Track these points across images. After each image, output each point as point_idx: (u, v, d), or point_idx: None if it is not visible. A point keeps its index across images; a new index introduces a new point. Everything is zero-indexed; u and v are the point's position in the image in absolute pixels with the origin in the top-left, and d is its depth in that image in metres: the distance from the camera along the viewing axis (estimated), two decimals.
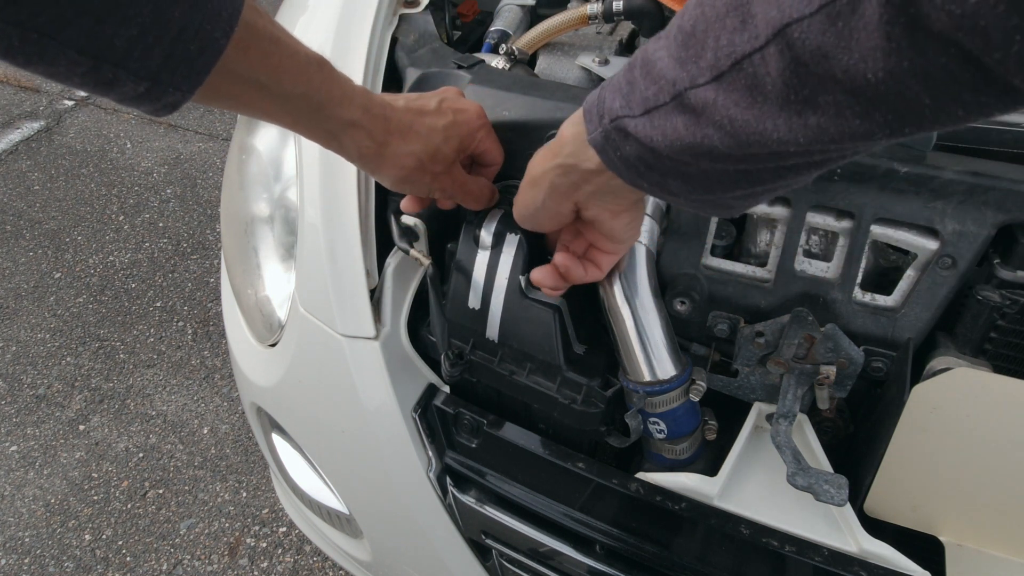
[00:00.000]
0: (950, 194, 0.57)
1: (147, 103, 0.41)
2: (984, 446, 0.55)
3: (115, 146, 2.88)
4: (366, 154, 0.57)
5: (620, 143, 0.44)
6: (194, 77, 0.41)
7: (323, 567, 1.54)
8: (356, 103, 0.55)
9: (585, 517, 0.69)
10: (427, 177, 0.61)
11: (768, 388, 0.66)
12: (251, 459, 1.77)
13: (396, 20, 0.83)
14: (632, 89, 0.43)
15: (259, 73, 0.46)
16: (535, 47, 0.92)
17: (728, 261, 0.66)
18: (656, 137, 0.41)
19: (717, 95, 0.37)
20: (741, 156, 0.39)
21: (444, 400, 0.77)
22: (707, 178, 0.43)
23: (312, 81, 0.50)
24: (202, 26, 0.39)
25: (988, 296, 0.58)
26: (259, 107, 0.50)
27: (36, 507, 1.69)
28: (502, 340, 0.69)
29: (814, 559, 0.60)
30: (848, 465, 0.65)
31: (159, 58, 0.39)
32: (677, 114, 0.40)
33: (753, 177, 0.42)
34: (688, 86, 0.39)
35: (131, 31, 0.37)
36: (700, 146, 0.40)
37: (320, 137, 0.56)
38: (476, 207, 0.68)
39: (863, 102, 0.33)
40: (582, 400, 0.66)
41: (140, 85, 0.40)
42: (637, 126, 0.42)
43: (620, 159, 0.45)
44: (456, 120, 0.62)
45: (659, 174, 0.44)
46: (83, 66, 0.37)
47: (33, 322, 2.15)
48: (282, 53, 0.47)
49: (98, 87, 0.39)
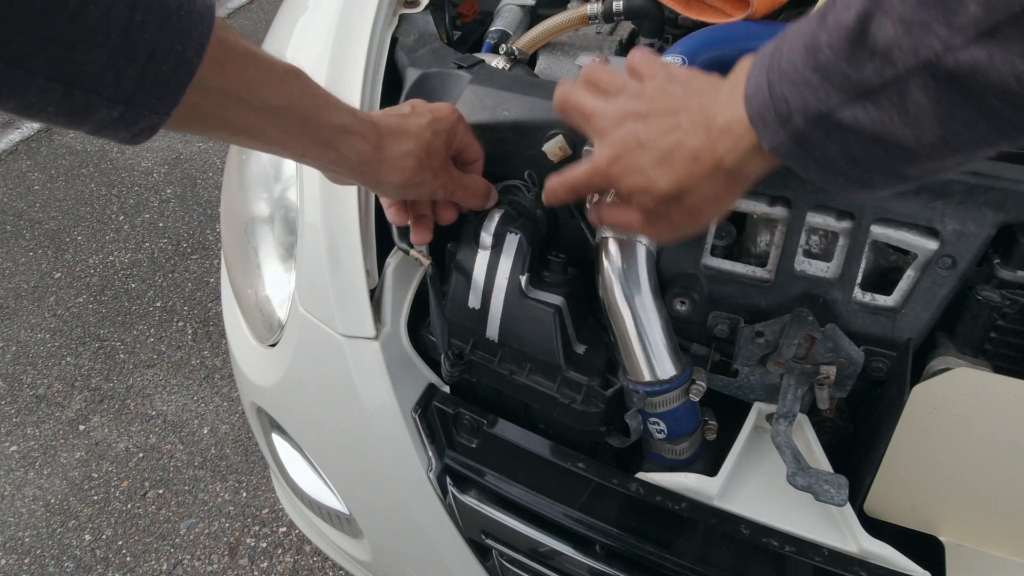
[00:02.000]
0: (950, 194, 0.57)
1: (123, 128, 0.40)
2: (984, 446, 0.55)
3: (115, 146, 2.88)
4: (365, 159, 0.56)
5: (823, 142, 0.38)
6: (169, 97, 0.40)
7: (323, 567, 1.54)
8: (343, 108, 0.54)
9: (585, 517, 0.69)
10: (428, 176, 0.61)
11: (768, 388, 0.66)
12: (251, 459, 1.77)
13: (396, 20, 0.83)
14: (825, 75, 0.37)
15: (238, 88, 0.45)
16: (535, 47, 0.92)
17: (728, 261, 0.66)
18: (886, 121, 0.36)
19: (991, 53, 0.31)
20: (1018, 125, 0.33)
21: (444, 400, 0.77)
22: (940, 166, 0.37)
23: (292, 92, 0.49)
24: (173, 46, 0.39)
25: (988, 296, 0.58)
26: (244, 125, 0.48)
27: (36, 507, 1.69)
28: (502, 340, 0.69)
29: (814, 559, 0.60)
30: (848, 465, 0.65)
31: (132, 80, 0.38)
32: (919, 88, 0.34)
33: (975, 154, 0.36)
34: (942, 50, 0.32)
35: (102, 55, 0.36)
36: (958, 117, 0.34)
37: (315, 148, 0.54)
38: (478, 205, 0.68)
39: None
40: (582, 400, 0.66)
41: (114, 109, 0.39)
42: (856, 115, 0.36)
43: (818, 162, 0.40)
44: (436, 116, 0.62)
45: (863, 170, 0.39)
46: (55, 94, 0.37)
47: (33, 322, 2.15)
48: (258, 66, 0.47)
49: (72, 115, 0.38)
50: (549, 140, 0.65)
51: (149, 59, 0.38)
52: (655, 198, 0.49)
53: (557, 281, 0.68)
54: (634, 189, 0.50)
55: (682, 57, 0.76)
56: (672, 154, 0.47)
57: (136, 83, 0.38)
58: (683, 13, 0.82)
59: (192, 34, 0.40)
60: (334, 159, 0.55)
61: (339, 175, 0.59)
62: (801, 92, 0.38)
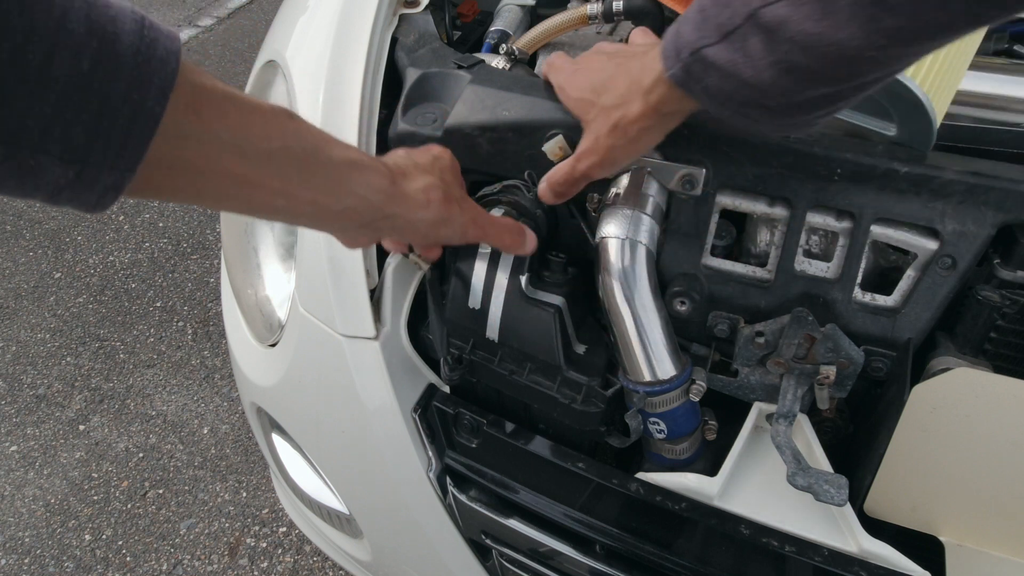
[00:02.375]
0: (950, 194, 0.57)
1: (82, 190, 0.35)
2: (984, 446, 0.55)
3: None
4: (387, 197, 0.50)
5: (702, 74, 0.45)
6: (131, 150, 0.35)
7: (323, 567, 1.54)
8: (346, 144, 0.49)
9: (585, 517, 0.69)
10: (456, 209, 0.56)
11: (768, 388, 0.66)
12: (251, 459, 1.77)
13: (396, 20, 0.83)
14: (705, 18, 0.43)
15: (222, 132, 0.40)
16: (535, 47, 0.92)
17: (728, 261, 0.66)
18: (738, 60, 0.42)
19: (790, 11, 0.38)
20: (823, 76, 0.40)
21: (444, 400, 0.76)
22: (788, 106, 0.43)
23: (287, 131, 0.44)
24: (128, 95, 0.34)
25: (988, 296, 0.59)
26: (237, 176, 0.42)
27: (36, 507, 1.69)
28: (502, 340, 0.69)
29: (814, 559, 0.60)
30: (848, 465, 0.65)
31: (83, 135, 0.33)
32: (753, 34, 0.41)
33: (833, 98, 0.43)
34: (760, 4, 0.39)
35: (44, 109, 0.32)
36: (779, 65, 0.40)
37: (326, 193, 0.47)
38: (517, 244, 0.63)
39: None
40: (582, 400, 0.66)
41: (68, 170, 0.34)
42: (717, 53, 0.43)
43: (703, 90, 0.46)
44: (434, 155, 0.59)
45: (739, 103, 0.45)
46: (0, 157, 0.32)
47: (33, 322, 2.15)
48: (242, 109, 0.41)
49: (22, 180, 0.34)
50: (549, 140, 0.65)
51: (101, 110, 0.34)
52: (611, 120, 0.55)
53: (557, 281, 0.68)
54: (601, 112, 0.56)
55: None
56: (616, 79, 0.54)
57: (88, 137, 0.34)
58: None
59: (152, 81, 0.35)
60: (351, 204, 0.49)
61: (357, 228, 0.52)
62: (689, 30, 0.45)
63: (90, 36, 0.33)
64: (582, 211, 0.70)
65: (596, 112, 0.56)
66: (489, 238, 0.62)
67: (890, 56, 0.38)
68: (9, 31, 0.30)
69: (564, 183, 0.61)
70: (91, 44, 0.33)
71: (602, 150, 0.56)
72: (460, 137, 0.70)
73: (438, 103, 0.75)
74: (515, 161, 0.69)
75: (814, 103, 0.43)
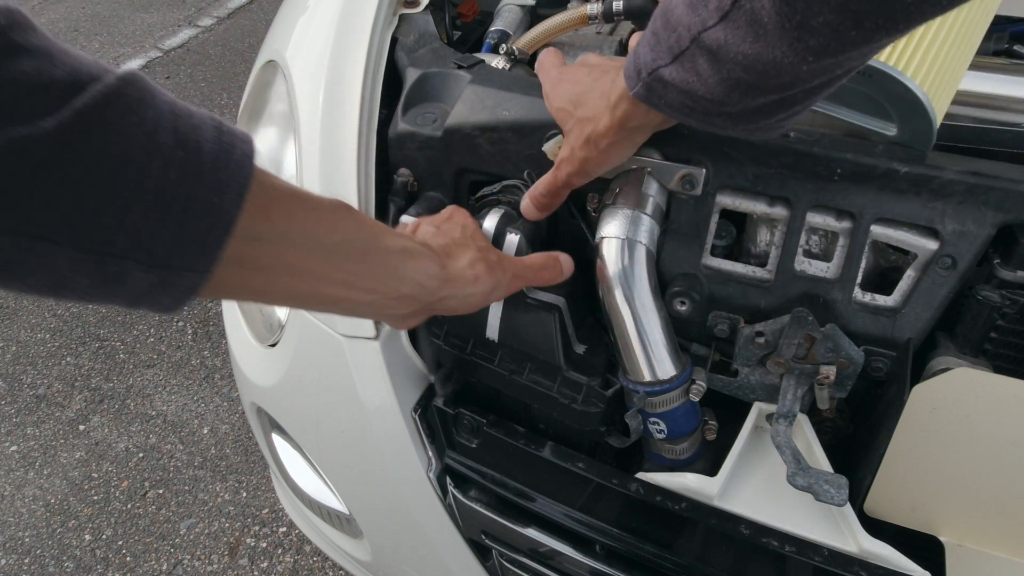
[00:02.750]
0: (950, 194, 0.57)
1: (162, 294, 0.37)
2: (984, 446, 0.55)
3: None
4: (442, 280, 0.53)
5: (661, 92, 0.48)
6: (207, 253, 0.36)
7: (323, 567, 1.54)
8: (397, 233, 0.51)
9: (585, 517, 0.69)
10: (499, 272, 0.58)
11: (768, 388, 0.66)
12: (251, 459, 1.77)
13: (396, 20, 0.83)
14: (657, 40, 0.46)
15: (289, 230, 0.42)
16: (535, 47, 0.92)
17: (728, 261, 0.66)
18: (690, 80, 0.45)
19: (726, 34, 0.40)
20: (768, 86, 0.42)
21: (444, 400, 0.77)
22: (746, 111, 0.46)
23: (347, 226, 0.46)
24: (210, 199, 0.36)
25: (988, 296, 0.58)
26: (303, 272, 0.43)
27: (36, 507, 1.69)
28: (502, 340, 0.69)
29: (814, 559, 0.60)
30: (848, 465, 0.65)
31: (167, 242, 0.35)
32: (699, 56, 0.43)
33: (787, 102, 0.45)
34: (701, 29, 0.42)
35: (133, 217, 0.33)
36: (728, 81, 0.43)
37: (385, 282, 0.49)
38: (557, 275, 0.64)
39: (851, 15, 0.35)
40: (582, 400, 0.66)
41: (151, 274, 0.35)
42: (671, 73, 0.46)
43: (667, 105, 0.49)
44: (462, 223, 0.61)
45: (702, 114, 0.47)
46: (86, 264, 0.33)
47: (33, 322, 2.15)
48: (306, 206, 0.43)
49: (106, 286, 0.35)
50: (549, 140, 0.65)
51: (184, 217, 0.35)
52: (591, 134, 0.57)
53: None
54: (584, 124, 0.58)
55: None
56: (590, 93, 0.57)
57: (172, 243, 0.35)
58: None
59: (231, 185, 0.36)
60: (408, 292, 0.51)
61: (412, 313, 0.54)
62: (646, 51, 0.48)
63: (177, 147, 0.34)
64: (582, 211, 0.70)
65: (572, 124, 0.58)
66: (531, 282, 0.63)
67: (824, 67, 0.40)
68: (108, 151, 0.32)
69: (548, 193, 0.63)
70: (178, 154, 0.34)
71: (577, 161, 0.59)
72: (460, 137, 0.70)
73: (438, 103, 0.75)
74: (515, 161, 0.69)
75: (771, 108, 0.45)
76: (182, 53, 3.51)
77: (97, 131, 0.32)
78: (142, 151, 0.33)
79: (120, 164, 0.33)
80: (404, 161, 0.75)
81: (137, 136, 0.33)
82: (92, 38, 3.66)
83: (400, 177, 0.75)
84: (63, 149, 0.31)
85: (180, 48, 3.56)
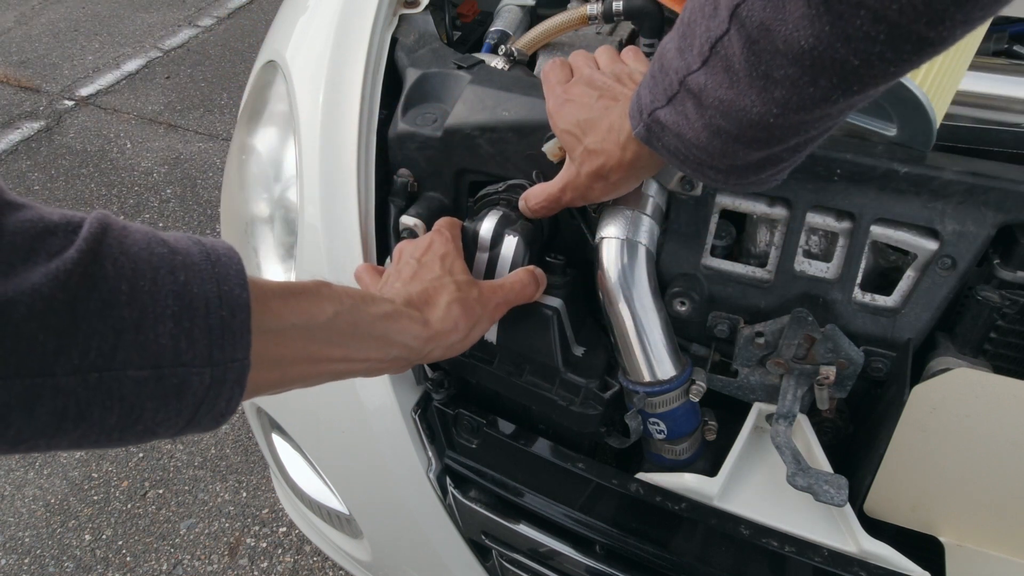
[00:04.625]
0: (950, 194, 0.57)
1: (216, 394, 0.39)
2: (984, 446, 0.55)
3: (115, 146, 2.88)
4: (424, 338, 0.55)
5: (660, 134, 0.48)
6: (241, 339, 0.39)
7: (323, 567, 1.54)
8: (375, 297, 0.53)
9: (585, 517, 0.69)
10: (478, 308, 0.59)
11: (768, 388, 0.66)
12: (251, 459, 1.77)
13: (396, 20, 0.83)
14: (655, 82, 0.47)
15: (290, 318, 0.44)
16: (535, 47, 0.92)
17: (728, 261, 0.66)
18: (681, 122, 0.45)
19: (706, 79, 0.41)
20: (747, 138, 0.43)
21: (444, 400, 0.77)
22: (734, 168, 0.46)
23: (330, 303, 0.48)
24: (220, 290, 0.39)
25: (988, 296, 0.58)
26: (309, 357, 0.46)
27: (36, 507, 1.69)
28: (500, 343, 0.69)
29: (814, 559, 0.60)
30: (848, 465, 0.65)
31: (204, 337, 0.38)
32: (687, 99, 0.44)
33: (772, 160, 0.45)
34: (687, 73, 0.43)
35: (168, 324, 0.36)
36: (711, 127, 0.43)
37: (377, 350, 0.52)
38: (533, 294, 0.65)
39: (807, 70, 0.36)
40: (580, 402, 0.66)
41: (204, 374, 0.38)
42: (666, 115, 0.46)
43: (664, 148, 0.49)
44: (434, 252, 0.61)
45: (695, 163, 0.48)
46: (150, 382, 0.36)
47: None
48: (292, 291, 0.46)
49: (172, 399, 0.37)
50: (549, 140, 0.65)
51: (207, 310, 0.38)
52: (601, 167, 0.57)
53: (556, 283, 0.68)
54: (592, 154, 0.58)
55: None
56: (599, 123, 0.57)
57: (207, 338, 0.38)
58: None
59: (230, 274, 0.39)
60: (397, 354, 0.53)
61: (403, 369, 0.57)
62: (646, 92, 0.48)
63: (173, 254, 0.38)
64: (582, 211, 0.70)
65: (581, 151, 0.58)
66: (516, 303, 0.64)
67: (793, 123, 0.41)
68: (123, 271, 0.35)
69: (544, 209, 0.64)
70: (177, 259, 0.38)
71: (582, 187, 0.59)
72: (460, 137, 0.70)
73: (438, 103, 0.75)
74: (515, 161, 0.69)
75: (758, 166, 0.46)
76: (182, 53, 3.51)
77: (108, 256, 0.35)
78: (147, 264, 0.37)
79: (137, 279, 0.36)
80: (404, 161, 0.75)
81: (139, 253, 0.37)
82: (92, 38, 3.66)
83: (400, 177, 0.75)
84: (91, 278, 0.34)
85: (180, 48, 3.55)
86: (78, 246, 0.34)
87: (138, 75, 3.34)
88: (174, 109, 3.09)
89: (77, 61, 3.45)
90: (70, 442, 0.35)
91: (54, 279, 0.32)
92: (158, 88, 3.24)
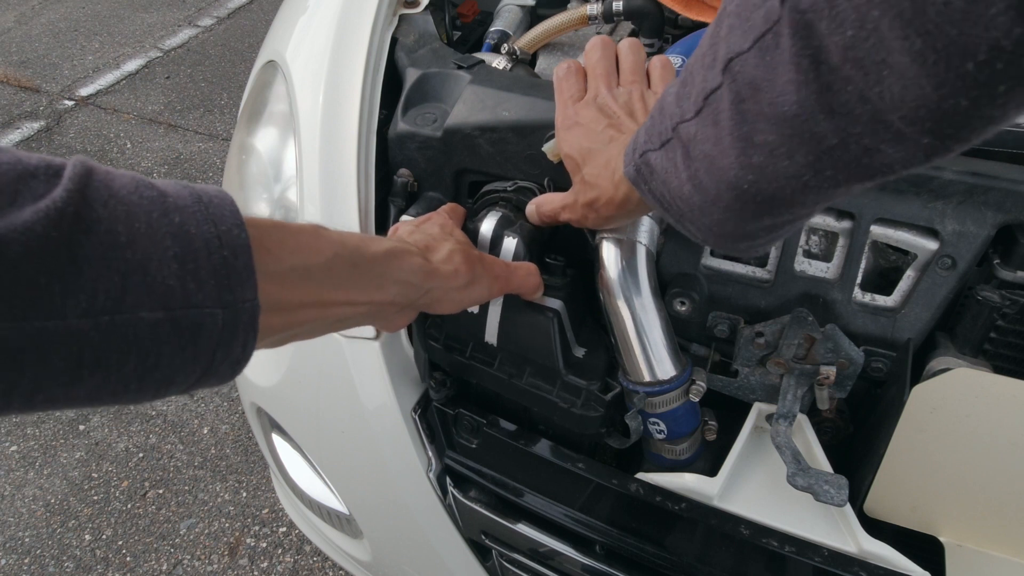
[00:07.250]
0: (950, 194, 0.57)
1: (233, 334, 0.38)
2: (984, 446, 0.55)
3: (115, 146, 2.88)
4: (425, 274, 0.54)
5: (648, 176, 0.47)
6: (246, 279, 0.38)
7: (323, 567, 1.54)
8: (376, 237, 0.53)
9: (585, 517, 0.69)
10: (479, 267, 0.58)
11: (768, 388, 0.66)
12: (251, 459, 1.77)
13: (396, 20, 0.83)
14: (652, 125, 0.46)
15: (290, 259, 0.43)
16: (535, 47, 0.92)
17: (728, 261, 0.66)
18: (669, 169, 0.44)
19: (697, 129, 0.40)
20: (720, 201, 0.41)
21: (444, 400, 0.77)
22: (711, 229, 0.45)
23: (327, 244, 0.47)
24: (218, 228, 0.37)
25: (988, 296, 0.58)
26: (313, 301, 0.45)
27: (36, 507, 1.69)
28: (501, 344, 0.69)
29: (814, 559, 0.60)
30: (848, 465, 0.65)
31: (209, 277, 0.36)
32: (678, 146, 0.43)
33: (749, 235, 0.44)
34: (680, 120, 0.42)
35: (172, 265, 0.35)
36: (693, 180, 0.42)
37: (378, 290, 0.50)
38: (535, 288, 0.65)
39: (786, 139, 0.35)
40: (581, 404, 0.66)
41: (216, 315, 0.37)
42: (656, 159, 0.45)
43: (650, 192, 0.48)
44: (441, 222, 0.62)
45: (677, 214, 0.46)
46: (165, 325, 0.35)
47: None
48: (290, 233, 0.45)
49: (191, 342, 0.36)
50: (549, 140, 0.65)
51: (208, 251, 0.37)
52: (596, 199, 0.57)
53: (556, 284, 0.68)
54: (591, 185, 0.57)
55: (682, 57, 0.76)
56: (599, 155, 0.56)
57: (214, 279, 0.37)
58: (683, 13, 0.82)
59: (225, 215, 0.38)
60: (397, 292, 0.52)
61: (400, 312, 0.55)
62: (643, 133, 0.47)
63: (163, 196, 0.37)
64: None
65: (579, 179, 0.58)
66: (513, 288, 0.63)
67: (766, 195, 0.39)
68: (117, 212, 0.34)
69: (547, 221, 0.65)
70: (168, 200, 0.37)
71: (578, 214, 0.60)
72: (460, 137, 0.70)
73: (438, 103, 0.75)
74: (515, 161, 0.69)
75: (732, 235, 0.44)
76: (182, 53, 3.51)
77: (97, 198, 0.34)
78: (139, 207, 0.35)
79: (132, 220, 0.34)
80: (404, 161, 0.75)
81: (128, 196, 0.35)
82: (92, 38, 3.66)
83: (400, 177, 0.75)
84: (83, 220, 0.33)
85: (180, 48, 3.56)
86: (64, 186, 0.33)
87: (138, 75, 3.34)
88: (174, 109, 3.09)
89: (77, 61, 3.45)
90: (88, 392, 0.34)
91: (45, 218, 0.31)
92: (158, 88, 3.24)
